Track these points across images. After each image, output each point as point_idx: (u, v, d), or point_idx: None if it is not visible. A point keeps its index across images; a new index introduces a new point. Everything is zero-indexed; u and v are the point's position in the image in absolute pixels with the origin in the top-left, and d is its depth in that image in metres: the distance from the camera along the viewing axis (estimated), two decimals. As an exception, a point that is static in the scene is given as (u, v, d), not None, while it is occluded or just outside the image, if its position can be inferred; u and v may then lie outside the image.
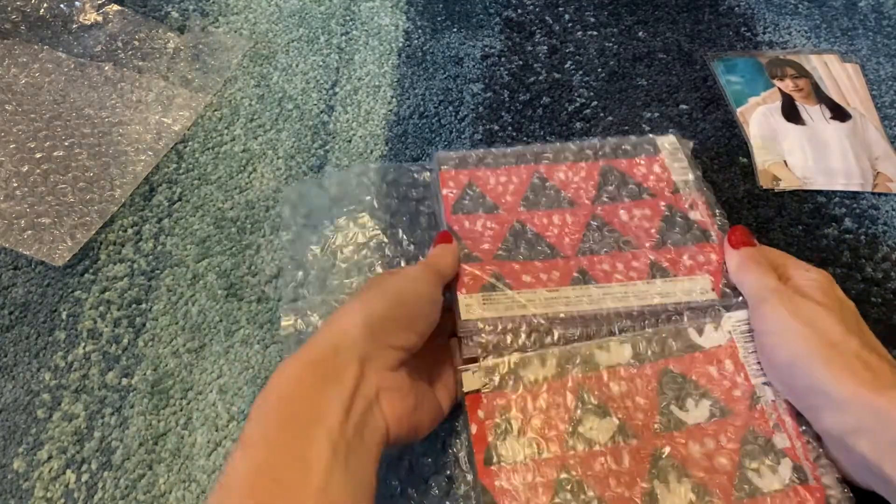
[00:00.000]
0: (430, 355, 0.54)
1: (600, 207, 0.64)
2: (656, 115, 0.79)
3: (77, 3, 0.87)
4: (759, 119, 0.78)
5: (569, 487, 0.50)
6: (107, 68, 0.81)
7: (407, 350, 0.49)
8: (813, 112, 0.79)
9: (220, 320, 0.64)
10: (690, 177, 0.65)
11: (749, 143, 0.76)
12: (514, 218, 0.63)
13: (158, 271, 0.67)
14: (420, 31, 0.87)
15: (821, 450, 0.50)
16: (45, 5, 0.87)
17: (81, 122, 0.76)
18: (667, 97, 0.80)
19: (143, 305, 0.65)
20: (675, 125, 0.77)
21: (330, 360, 0.45)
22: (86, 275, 0.66)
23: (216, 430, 0.58)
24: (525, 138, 0.76)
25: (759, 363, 0.54)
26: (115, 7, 0.87)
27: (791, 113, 0.79)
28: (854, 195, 0.72)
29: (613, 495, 0.50)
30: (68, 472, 0.56)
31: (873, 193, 0.72)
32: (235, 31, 0.86)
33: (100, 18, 0.87)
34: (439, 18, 0.88)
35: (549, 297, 0.58)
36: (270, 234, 0.69)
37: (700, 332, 0.56)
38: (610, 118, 0.78)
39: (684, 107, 0.79)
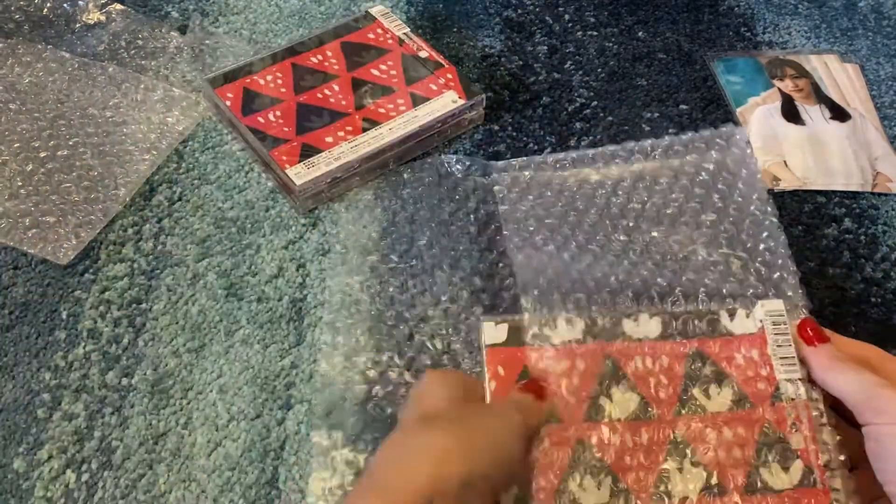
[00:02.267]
0: None
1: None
2: (656, 115, 0.79)
3: (80, 2, 0.87)
4: (759, 119, 0.78)
5: (584, 456, 0.49)
6: (110, 68, 0.81)
7: None
8: (813, 112, 0.79)
9: (220, 320, 0.64)
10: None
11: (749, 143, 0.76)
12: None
13: (158, 271, 0.67)
14: (420, 31, 0.87)
15: (832, 455, 0.49)
16: (48, 5, 0.87)
17: (85, 121, 0.77)
18: (667, 97, 0.80)
19: (144, 305, 0.65)
20: (675, 125, 0.78)
21: None
22: (86, 274, 0.66)
23: (216, 430, 0.58)
24: (525, 138, 0.76)
25: (784, 359, 0.52)
26: (118, 6, 0.87)
27: (791, 113, 0.79)
28: (854, 195, 0.72)
29: (626, 470, 0.49)
30: (68, 471, 0.56)
31: (873, 193, 0.72)
32: (235, 31, 0.86)
33: (103, 18, 0.87)
34: (439, 18, 0.88)
35: None
36: (270, 234, 0.69)
37: (732, 316, 0.55)
38: (610, 118, 0.78)
39: (684, 107, 0.79)
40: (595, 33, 0.87)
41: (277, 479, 0.56)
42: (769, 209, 0.59)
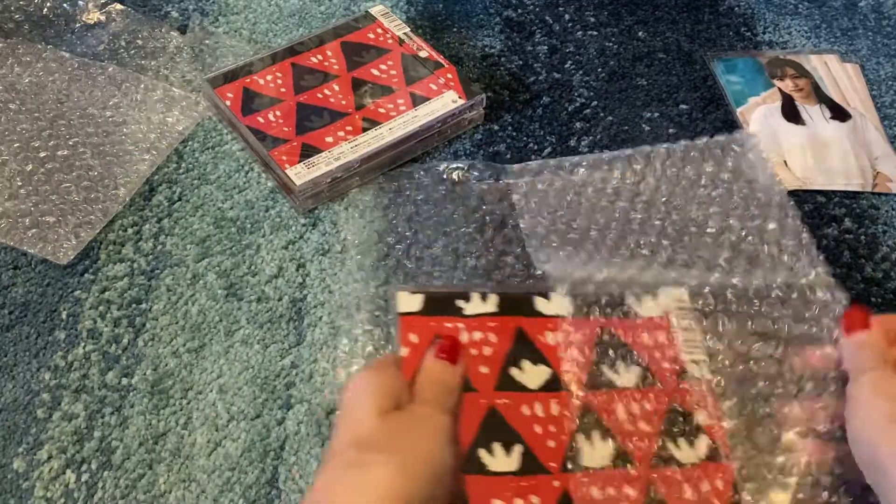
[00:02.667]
0: None
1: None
2: (656, 114, 0.79)
3: (80, 2, 0.87)
4: (759, 119, 0.78)
5: (494, 426, 0.51)
6: (110, 68, 0.81)
7: None
8: (813, 112, 0.79)
9: (220, 320, 0.64)
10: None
11: (749, 143, 0.76)
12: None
13: (158, 271, 0.67)
14: (420, 30, 0.87)
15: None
16: (48, 4, 0.87)
17: (85, 121, 0.77)
18: (667, 97, 0.80)
19: (143, 305, 0.65)
20: (675, 125, 0.77)
21: None
22: (86, 274, 0.66)
23: (216, 430, 0.58)
24: (525, 138, 0.76)
25: (688, 342, 0.56)
26: (118, 6, 0.87)
27: (791, 113, 0.79)
28: (854, 195, 0.72)
29: (536, 441, 0.51)
30: (68, 471, 0.56)
31: (873, 193, 0.72)
32: (235, 31, 0.86)
33: (102, 17, 0.87)
34: (439, 18, 0.88)
35: None
36: (270, 234, 0.69)
37: (639, 300, 0.58)
38: (610, 118, 0.78)
39: (684, 107, 0.79)
40: (595, 33, 0.87)
41: (277, 479, 0.56)
42: (790, 212, 0.61)
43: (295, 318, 0.64)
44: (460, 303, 0.55)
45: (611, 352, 0.55)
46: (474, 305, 0.56)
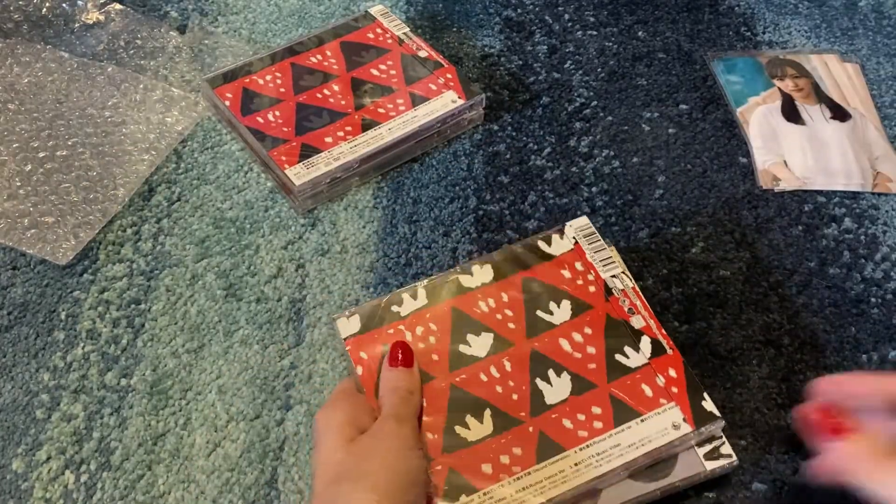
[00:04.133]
0: None
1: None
2: (656, 114, 0.78)
3: (79, 2, 0.87)
4: (759, 119, 0.78)
5: (460, 402, 0.54)
6: (109, 68, 0.81)
7: None
8: (813, 112, 0.79)
9: (220, 320, 0.64)
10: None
11: (749, 143, 0.76)
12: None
13: (157, 271, 0.67)
14: (420, 30, 0.87)
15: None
16: (47, 4, 0.87)
17: (84, 121, 0.76)
18: (667, 97, 0.80)
19: (142, 306, 0.65)
20: (675, 125, 0.77)
21: None
22: (85, 275, 0.66)
23: (215, 431, 0.58)
24: (524, 138, 0.76)
25: (603, 261, 0.61)
26: (117, 6, 0.87)
27: (791, 113, 0.78)
28: (854, 195, 0.72)
29: (501, 399, 0.54)
30: (67, 472, 0.56)
31: (873, 193, 0.72)
32: (234, 31, 0.86)
33: (102, 17, 0.87)
34: (439, 18, 0.88)
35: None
36: (269, 234, 0.69)
37: (548, 242, 0.63)
38: (610, 118, 0.78)
39: (684, 107, 0.79)
40: (595, 33, 0.87)
41: (276, 479, 0.56)
42: None
43: (294, 318, 0.64)
44: (395, 308, 0.59)
45: (540, 297, 0.59)
46: (407, 304, 0.59)
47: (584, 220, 0.64)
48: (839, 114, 0.78)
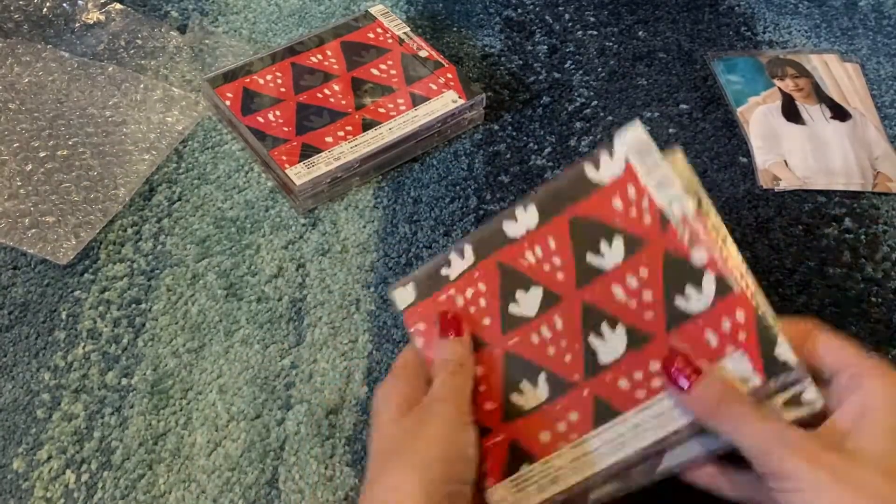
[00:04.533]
0: None
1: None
2: (656, 114, 0.79)
3: (80, 2, 0.87)
4: (759, 119, 0.78)
5: (515, 368, 0.50)
6: (110, 68, 0.81)
7: None
8: (813, 112, 0.79)
9: (220, 320, 0.64)
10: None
11: (749, 143, 0.76)
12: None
13: (158, 271, 0.67)
14: (420, 30, 0.87)
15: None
16: (47, 4, 0.87)
17: (84, 121, 0.76)
18: (667, 97, 0.80)
19: (143, 305, 0.65)
20: (675, 125, 0.77)
21: None
22: (85, 274, 0.66)
23: (216, 430, 0.58)
24: (525, 138, 0.76)
25: (659, 183, 0.48)
26: (118, 6, 0.87)
27: (791, 113, 0.79)
28: (854, 195, 0.72)
29: (554, 362, 0.50)
30: (68, 472, 0.56)
31: (873, 193, 0.72)
32: (235, 31, 0.86)
33: (102, 17, 0.87)
34: (439, 18, 0.88)
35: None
36: (270, 234, 0.69)
37: (597, 166, 0.50)
38: (610, 118, 0.78)
39: (684, 106, 0.79)
40: (595, 33, 0.87)
41: (277, 479, 0.56)
42: None
43: (295, 318, 0.64)
44: (444, 270, 0.54)
45: (590, 238, 0.50)
46: (456, 266, 0.54)
47: (635, 133, 0.50)
48: (839, 114, 0.78)
